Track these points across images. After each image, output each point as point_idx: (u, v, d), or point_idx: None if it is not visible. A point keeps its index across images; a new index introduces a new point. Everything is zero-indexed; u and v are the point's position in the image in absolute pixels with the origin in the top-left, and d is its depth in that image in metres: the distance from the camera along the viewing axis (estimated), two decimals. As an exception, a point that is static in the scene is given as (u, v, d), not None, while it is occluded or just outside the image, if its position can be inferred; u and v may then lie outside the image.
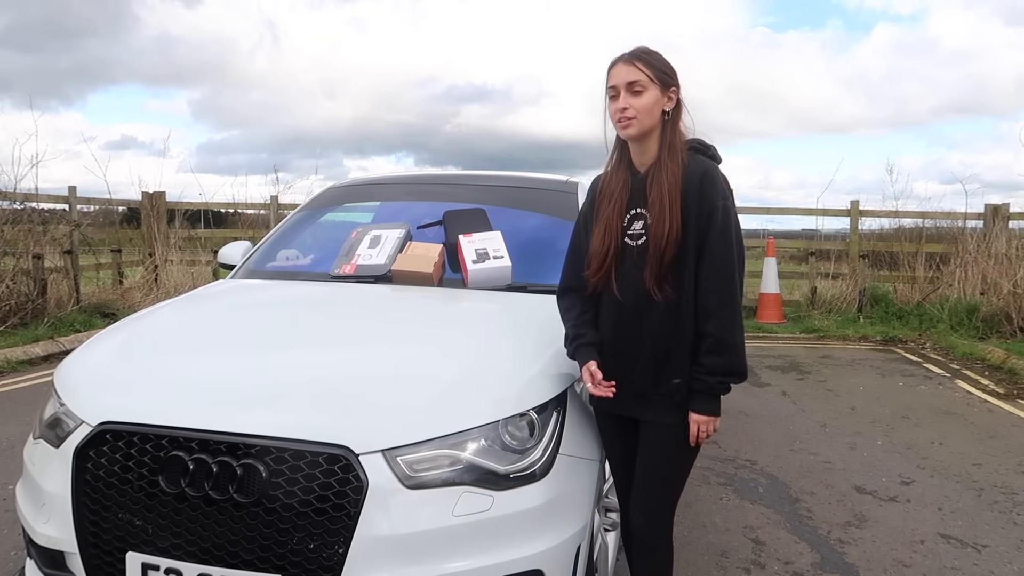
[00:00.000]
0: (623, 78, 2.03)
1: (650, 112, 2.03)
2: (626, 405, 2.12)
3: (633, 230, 2.07)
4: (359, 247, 3.14)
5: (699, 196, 1.99)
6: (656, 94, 2.03)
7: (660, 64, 2.05)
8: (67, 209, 9.58)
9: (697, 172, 2.02)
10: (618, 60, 2.07)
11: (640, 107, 2.02)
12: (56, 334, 7.42)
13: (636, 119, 2.02)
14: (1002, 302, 8.42)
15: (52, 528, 1.98)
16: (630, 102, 2.02)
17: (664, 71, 2.05)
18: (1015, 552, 3.23)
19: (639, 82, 2.02)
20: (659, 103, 2.04)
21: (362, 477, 1.80)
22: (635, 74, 2.02)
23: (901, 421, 5.28)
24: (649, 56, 2.05)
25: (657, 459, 2.11)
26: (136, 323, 2.66)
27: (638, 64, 2.03)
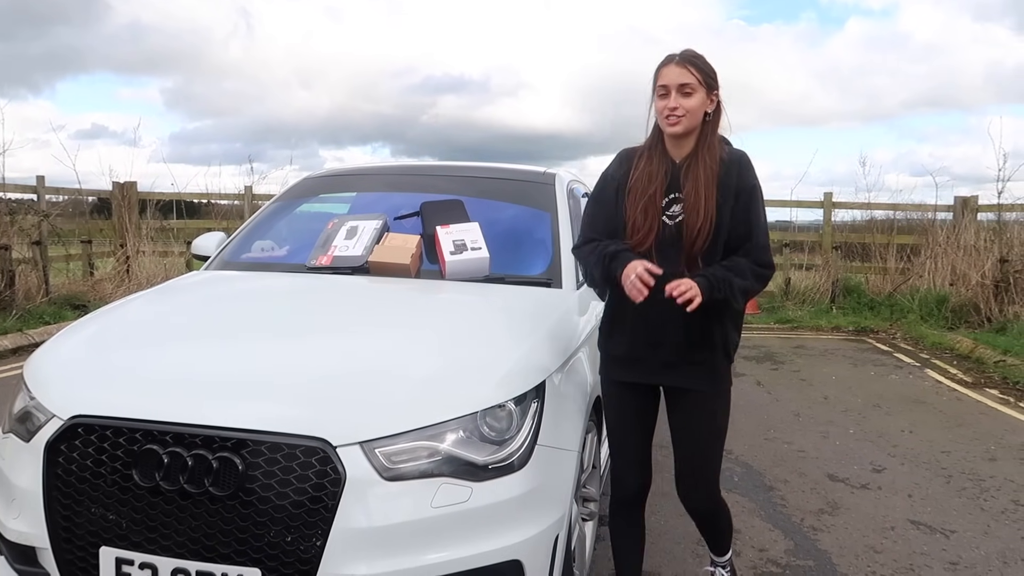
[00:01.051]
0: (675, 79, 2.16)
1: (696, 112, 2.17)
2: (656, 374, 2.28)
3: (672, 211, 2.22)
4: (336, 238, 3.11)
5: (737, 177, 2.18)
6: (703, 96, 2.18)
7: (707, 69, 2.20)
8: (35, 199, 9.39)
9: (735, 157, 2.22)
10: (670, 61, 2.20)
11: (689, 107, 2.16)
12: (25, 327, 7.29)
13: (684, 118, 2.16)
14: (970, 293, 8.59)
15: (23, 523, 1.95)
16: (680, 102, 2.15)
17: (710, 76, 2.20)
18: (982, 537, 3.30)
19: (690, 84, 2.16)
20: (704, 105, 2.19)
21: (340, 469, 1.80)
22: (687, 76, 2.16)
23: (872, 410, 5.36)
24: (699, 60, 2.20)
25: (695, 423, 2.30)
26: (108, 315, 2.61)
27: (690, 68, 2.17)
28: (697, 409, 2.29)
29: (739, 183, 2.20)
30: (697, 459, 2.33)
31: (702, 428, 2.30)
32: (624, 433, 2.37)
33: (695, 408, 2.29)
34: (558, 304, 2.74)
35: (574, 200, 3.59)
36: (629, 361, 2.30)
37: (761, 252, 2.21)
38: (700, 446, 2.31)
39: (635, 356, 2.28)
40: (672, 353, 2.23)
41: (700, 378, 2.25)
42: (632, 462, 2.37)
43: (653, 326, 2.22)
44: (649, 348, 2.25)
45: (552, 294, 2.83)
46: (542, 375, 2.17)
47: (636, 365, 2.29)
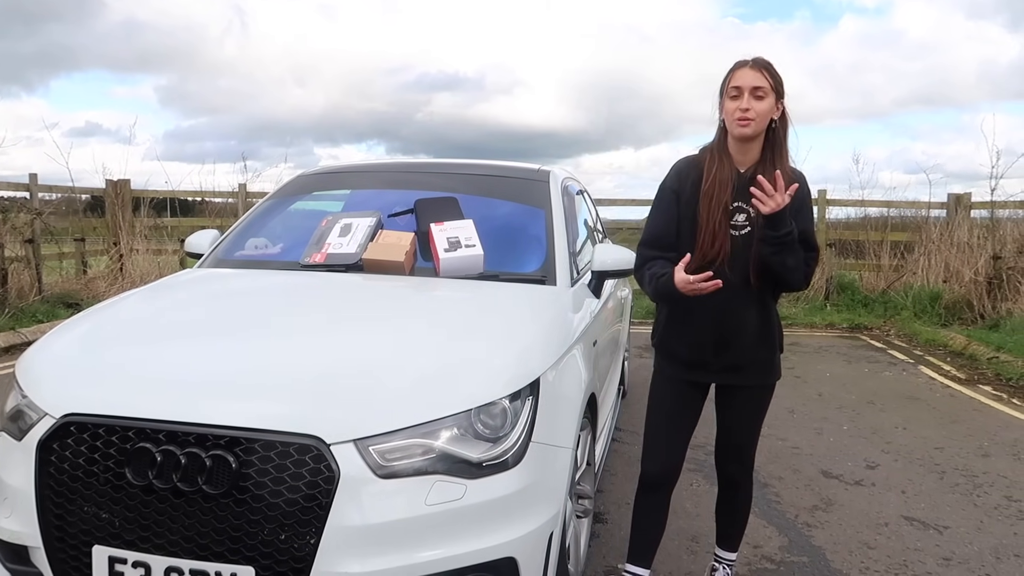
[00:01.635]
0: (750, 82, 2.21)
1: (766, 117, 2.23)
2: (717, 376, 2.40)
3: (736, 221, 2.28)
4: (330, 235, 3.10)
5: (800, 197, 2.24)
6: (772, 102, 2.23)
7: (778, 76, 2.26)
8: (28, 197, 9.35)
9: (796, 175, 2.28)
10: (744, 64, 2.25)
11: (760, 111, 2.21)
12: (18, 325, 7.26)
13: (755, 121, 2.21)
14: (964, 290, 8.61)
15: (15, 522, 1.94)
16: (752, 105, 2.20)
17: (780, 83, 2.25)
18: (975, 533, 3.31)
19: (763, 88, 2.21)
20: (772, 111, 2.24)
21: (334, 467, 1.79)
22: (761, 80, 2.21)
23: (866, 406, 5.38)
24: (771, 67, 2.26)
25: (749, 413, 2.47)
26: (101, 313, 2.60)
27: (764, 72, 2.22)
28: (751, 401, 2.45)
29: (798, 203, 2.25)
30: (744, 440, 2.51)
31: (754, 417, 2.48)
32: (670, 424, 2.45)
33: (749, 401, 2.44)
34: (552, 301, 2.74)
35: (568, 197, 3.59)
36: (691, 363, 2.38)
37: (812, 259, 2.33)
38: (748, 431, 2.49)
39: (697, 359, 2.36)
40: (738, 356, 2.34)
41: (760, 374, 2.40)
42: (671, 451, 2.45)
43: (719, 330, 2.31)
44: (714, 352, 2.34)
45: (546, 291, 2.83)
46: (536, 372, 2.16)
47: (698, 367, 2.38)
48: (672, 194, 2.36)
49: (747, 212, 2.27)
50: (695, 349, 2.36)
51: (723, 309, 2.28)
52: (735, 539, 2.65)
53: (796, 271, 2.27)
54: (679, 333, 2.38)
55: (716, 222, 2.26)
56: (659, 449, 2.45)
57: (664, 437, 2.45)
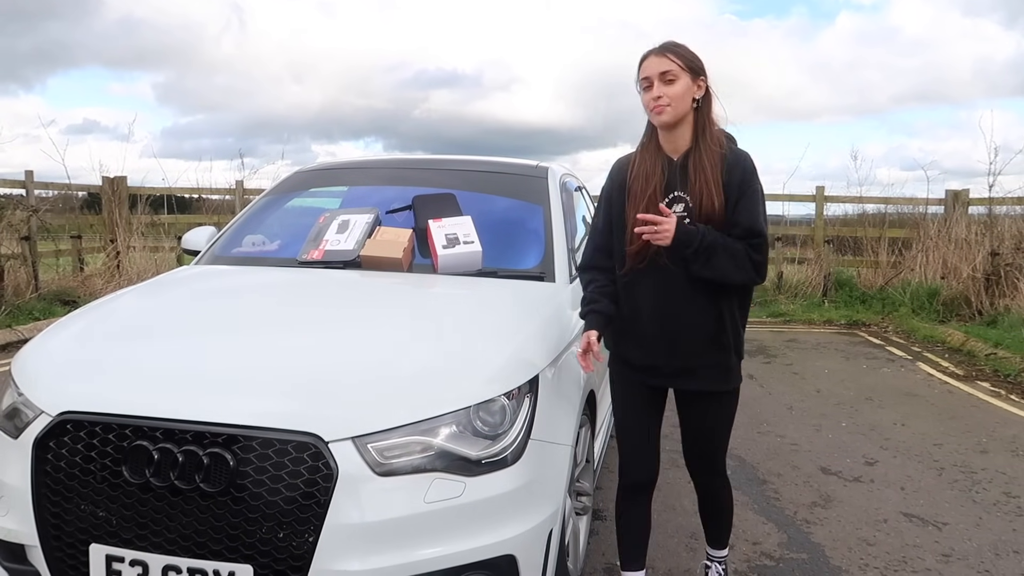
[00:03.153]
0: (656, 69, 2.16)
1: (682, 99, 2.15)
2: (671, 380, 2.30)
3: (674, 211, 2.17)
4: (327, 232, 3.09)
5: (741, 181, 2.15)
6: (687, 82, 2.15)
7: (689, 55, 2.18)
8: (24, 194, 9.32)
9: (739, 159, 2.19)
10: (649, 53, 2.19)
11: (673, 95, 2.14)
12: (14, 322, 7.24)
13: (670, 106, 2.14)
14: (961, 286, 8.61)
15: (11, 521, 1.93)
16: (663, 90, 2.14)
17: (693, 61, 2.17)
18: (974, 529, 3.31)
19: (671, 71, 2.14)
20: (690, 91, 2.16)
21: (332, 465, 1.78)
22: (667, 64, 2.15)
23: (865, 403, 5.38)
24: (678, 48, 2.19)
25: (710, 421, 2.35)
26: (97, 310, 2.59)
27: (669, 55, 2.16)
28: (711, 408, 2.33)
29: (741, 187, 2.16)
30: (708, 448, 2.41)
31: (715, 424, 2.37)
32: (633, 427, 2.39)
33: (709, 407, 2.33)
34: (551, 298, 2.73)
35: (567, 194, 3.57)
36: (643, 368, 2.31)
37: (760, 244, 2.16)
38: (713, 439, 2.40)
39: (649, 363, 2.29)
40: (688, 359, 2.24)
41: (715, 379, 2.28)
42: (641, 454, 2.38)
43: (668, 330, 2.22)
44: (664, 355, 2.25)
45: (545, 288, 2.82)
46: (535, 369, 2.16)
47: (650, 371, 2.30)
48: (605, 202, 2.33)
49: (685, 201, 2.18)
50: (646, 351, 2.27)
51: (667, 307, 2.20)
52: (723, 537, 2.61)
53: (738, 270, 2.14)
54: (629, 335, 2.30)
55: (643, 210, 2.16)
56: (631, 457, 2.39)
57: (632, 445, 2.39)
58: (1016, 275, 8.17)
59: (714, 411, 2.34)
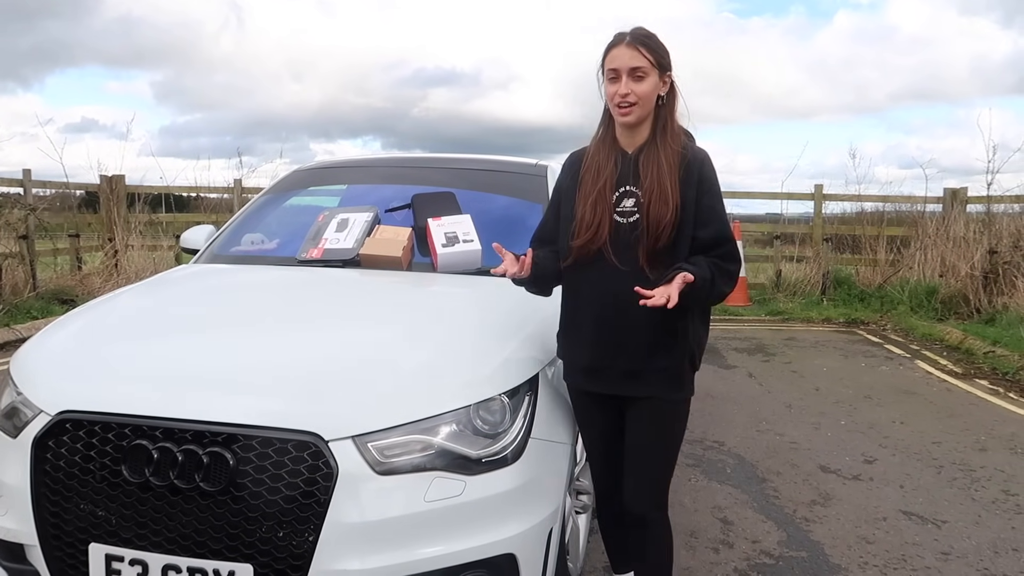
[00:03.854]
0: (626, 63, 1.98)
1: (649, 99, 2.01)
2: (617, 384, 2.10)
3: (623, 207, 2.04)
4: (326, 231, 3.09)
5: (700, 179, 2.01)
6: (655, 80, 2.01)
7: (660, 49, 2.01)
8: (22, 193, 9.30)
9: (697, 160, 2.04)
10: (619, 42, 2.01)
11: (641, 94, 1.99)
12: (12, 321, 7.22)
13: (637, 105, 2.00)
14: (960, 284, 8.62)
15: (11, 520, 1.93)
16: (632, 88, 1.98)
17: (663, 57, 2.02)
18: (973, 527, 3.31)
19: (642, 68, 1.98)
20: (656, 88, 2.02)
21: (332, 464, 1.78)
22: (639, 60, 1.98)
23: (863, 401, 5.38)
24: (651, 40, 2.01)
25: (653, 434, 2.10)
26: (96, 309, 2.58)
27: (642, 49, 1.98)
28: (656, 420, 2.09)
29: (701, 185, 2.02)
30: (645, 469, 2.13)
31: (657, 439, 2.10)
32: (594, 447, 2.26)
33: (653, 419, 2.08)
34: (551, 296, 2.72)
35: (566, 192, 3.57)
36: (591, 371, 2.13)
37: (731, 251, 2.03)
38: (653, 456, 2.12)
39: (596, 366, 2.10)
40: (634, 360, 2.05)
41: (662, 385, 2.07)
42: (605, 471, 2.26)
43: (613, 329, 2.05)
44: (609, 356, 2.07)
45: (545, 286, 2.81)
46: (535, 368, 2.16)
47: (598, 375, 2.11)
48: (556, 193, 2.23)
49: (636, 196, 2.02)
50: (593, 354, 2.09)
51: (614, 302, 2.03)
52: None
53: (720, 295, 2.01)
54: (578, 337, 2.13)
55: (590, 208, 2.04)
56: (598, 470, 2.29)
57: (592, 455, 2.28)
58: (1014, 273, 8.17)
59: (658, 424, 2.08)
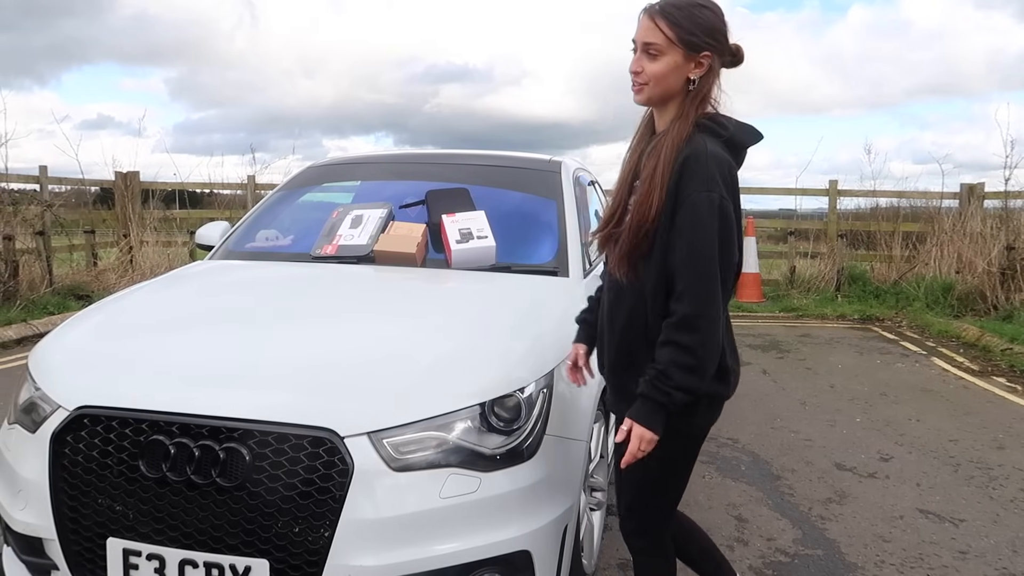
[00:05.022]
0: (641, 35, 1.71)
1: (663, 80, 1.70)
2: (610, 401, 1.92)
3: (631, 202, 1.78)
4: (340, 227, 3.09)
5: (676, 184, 1.66)
6: (676, 59, 1.69)
7: (691, 23, 1.68)
8: (38, 189, 9.38)
9: (681, 156, 1.67)
10: (642, 10, 1.73)
11: (652, 73, 1.70)
12: (29, 317, 7.28)
13: (647, 86, 1.72)
14: (977, 280, 8.54)
15: (30, 515, 1.94)
16: (643, 65, 1.71)
17: (694, 32, 1.68)
18: (991, 526, 3.28)
19: (656, 45, 1.69)
20: (680, 70, 1.70)
21: (347, 460, 1.78)
22: (654, 34, 1.69)
23: (879, 398, 5.34)
24: (680, 12, 1.68)
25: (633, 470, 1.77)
26: (112, 305, 2.60)
27: (659, 22, 1.68)
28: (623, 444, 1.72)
29: (678, 194, 1.66)
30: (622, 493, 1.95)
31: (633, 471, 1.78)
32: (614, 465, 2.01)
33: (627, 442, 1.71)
34: (565, 293, 2.72)
35: (580, 188, 3.56)
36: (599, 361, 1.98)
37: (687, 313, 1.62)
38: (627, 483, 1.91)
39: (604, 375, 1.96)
40: (611, 376, 1.88)
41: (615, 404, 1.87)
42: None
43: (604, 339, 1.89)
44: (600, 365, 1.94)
45: (559, 283, 2.81)
46: (550, 364, 2.15)
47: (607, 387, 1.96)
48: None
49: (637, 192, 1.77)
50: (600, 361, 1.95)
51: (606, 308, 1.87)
52: None
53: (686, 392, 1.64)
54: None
55: (612, 197, 1.84)
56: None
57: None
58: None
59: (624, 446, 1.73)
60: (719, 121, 1.74)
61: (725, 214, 1.65)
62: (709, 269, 1.63)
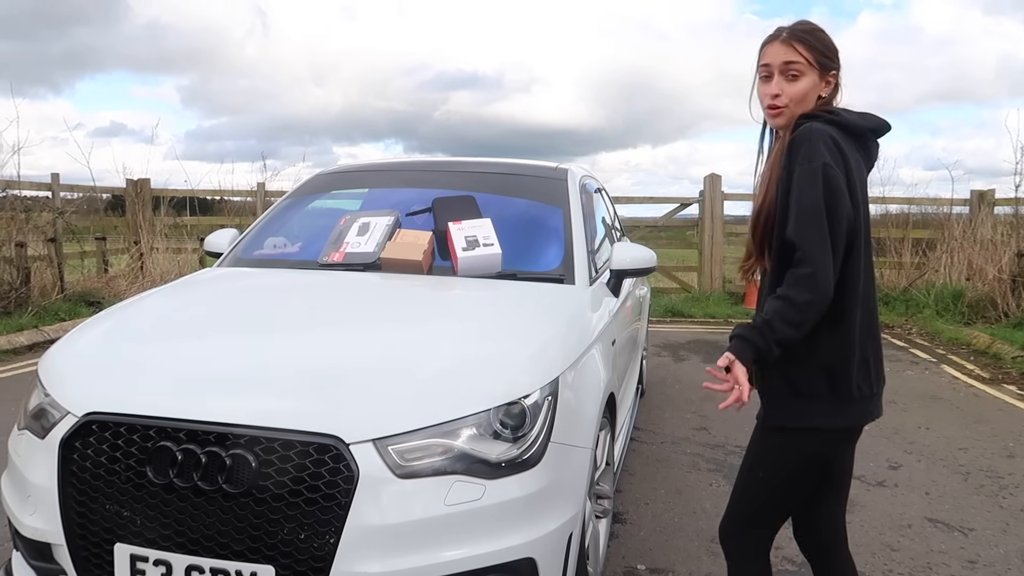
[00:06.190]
0: (780, 57, 1.80)
1: (804, 99, 1.81)
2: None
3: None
4: (348, 235, 3.11)
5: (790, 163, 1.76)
6: (813, 79, 1.81)
7: (823, 45, 1.81)
8: (50, 196, 9.46)
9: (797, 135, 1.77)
10: (774, 38, 1.83)
11: (794, 94, 1.80)
12: (40, 323, 7.34)
13: (787, 108, 1.81)
14: (987, 287, 8.49)
15: (38, 520, 1.96)
16: (784, 88, 1.80)
17: (826, 53, 1.81)
18: (1001, 535, 3.26)
19: (797, 65, 1.79)
20: (815, 89, 1.82)
21: (353, 467, 1.79)
22: (793, 55, 1.79)
23: (888, 406, 5.25)
24: (812, 36, 1.81)
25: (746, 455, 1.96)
26: (122, 311, 2.62)
27: (798, 46, 1.79)
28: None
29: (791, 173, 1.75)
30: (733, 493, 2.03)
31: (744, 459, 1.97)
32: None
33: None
34: (571, 300, 2.73)
35: (586, 195, 3.57)
36: None
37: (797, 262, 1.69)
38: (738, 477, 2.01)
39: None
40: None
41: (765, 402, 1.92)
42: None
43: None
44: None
45: (565, 290, 2.81)
46: (555, 372, 2.15)
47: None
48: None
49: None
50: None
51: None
52: None
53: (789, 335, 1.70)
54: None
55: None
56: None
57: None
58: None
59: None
60: (829, 109, 1.83)
61: (829, 178, 1.70)
62: (819, 234, 1.68)
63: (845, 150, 1.76)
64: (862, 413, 1.91)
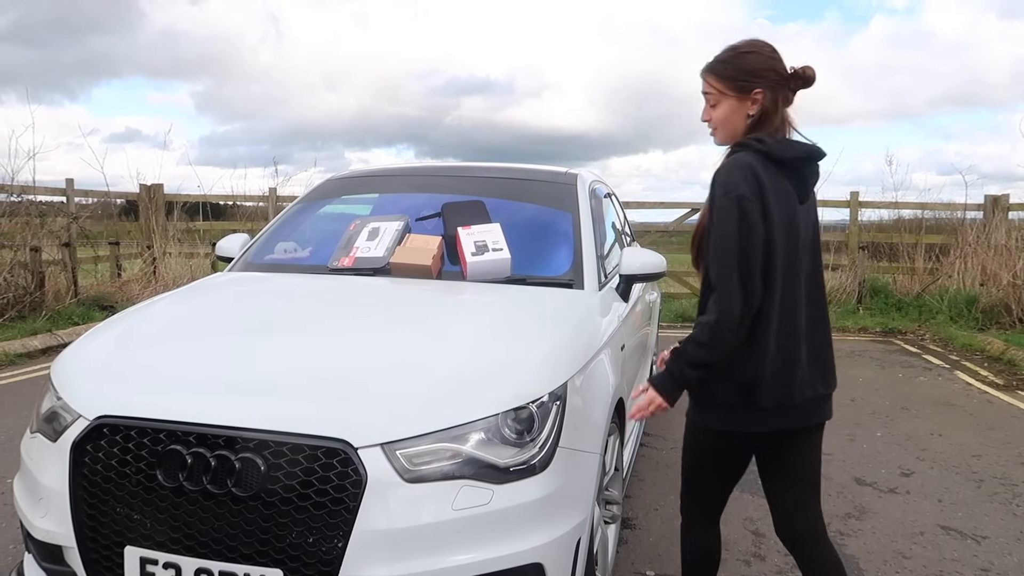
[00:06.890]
0: (703, 90, 2.03)
1: (727, 122, 1.99)
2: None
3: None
4: (357, 239, 3.12)
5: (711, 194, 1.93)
6: (731, 104, 1.97)
7: (738, 71, 1.95)
8: (64, 201, 9.55)
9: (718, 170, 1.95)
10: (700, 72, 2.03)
11: (717, 119, 2.01)
12: (54, 327, 7.41)
13: (717, 130, 2.02)
14: (1001, 293, 8.42)
15: (50, 522, 1.97)
16: (710, 114, 2.02)
17: (740, 77, 1.94)
18: (1015, 543, 3.23)
19: (710, 96, 2.01)
20: (739, 110, 1.97)
21: (361, 471, 1.79)
22: (705, 86, 2.01)
23: (900, 412, 5.28)
24: (725, 65, 1.98)
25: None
26: (134, 316, 2.64)
27: (708, 78, 2.00)
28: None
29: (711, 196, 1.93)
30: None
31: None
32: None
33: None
34: (580, 305, 2.72)
35: (596, 200, 3.57)
36: None
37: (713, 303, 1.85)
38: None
39: None
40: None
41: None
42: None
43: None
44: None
45: (574, 295, 2.81)
46: (564, 377, 2.15)
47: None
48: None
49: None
50: None
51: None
52: None
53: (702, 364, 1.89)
54: None
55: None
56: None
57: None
58: (1059, 282, 7.96)
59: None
60: (758, 137, 1.94)
61: (744, 211, 1.84)
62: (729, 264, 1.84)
63: (764, 181, 1.88)
64: (780, 420, 2.02)
